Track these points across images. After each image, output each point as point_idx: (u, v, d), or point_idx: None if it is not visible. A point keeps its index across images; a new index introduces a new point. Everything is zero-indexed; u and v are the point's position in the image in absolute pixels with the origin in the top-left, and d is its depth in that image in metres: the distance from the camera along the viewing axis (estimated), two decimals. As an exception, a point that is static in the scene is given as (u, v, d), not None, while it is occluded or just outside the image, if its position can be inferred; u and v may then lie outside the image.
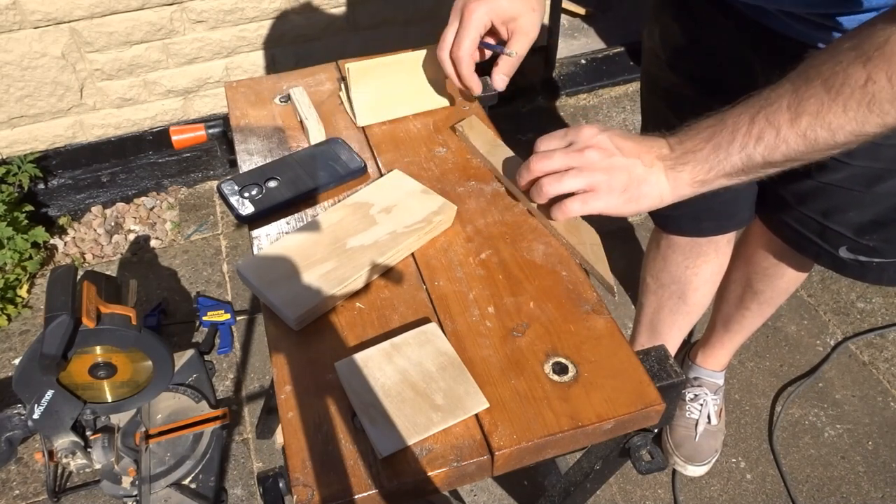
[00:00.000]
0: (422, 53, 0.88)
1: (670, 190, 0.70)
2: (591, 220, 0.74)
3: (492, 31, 0.83)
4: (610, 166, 0.69)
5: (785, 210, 1.07)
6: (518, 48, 0.81)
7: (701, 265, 1.31)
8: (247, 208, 0.78)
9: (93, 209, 2.12)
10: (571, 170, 0.70)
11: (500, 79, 0.83)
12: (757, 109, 0.63)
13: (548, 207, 0.73)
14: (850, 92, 0.58)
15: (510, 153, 0.83)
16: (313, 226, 0.75)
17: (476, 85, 0.83)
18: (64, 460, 1.07)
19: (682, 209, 1.19)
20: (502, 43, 0.84)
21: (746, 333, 1.44)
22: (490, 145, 0.85)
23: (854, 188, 0.95)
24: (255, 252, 0.74)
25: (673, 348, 1.52)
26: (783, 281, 1.26)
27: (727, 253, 1.32)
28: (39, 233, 1.90)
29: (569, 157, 0.69)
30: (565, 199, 0.71)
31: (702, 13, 0.94)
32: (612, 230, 2.05)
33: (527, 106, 2.49)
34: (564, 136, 0.71)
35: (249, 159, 0.87)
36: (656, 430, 0.67)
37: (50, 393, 0.96)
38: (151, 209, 2.14)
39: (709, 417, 1.50)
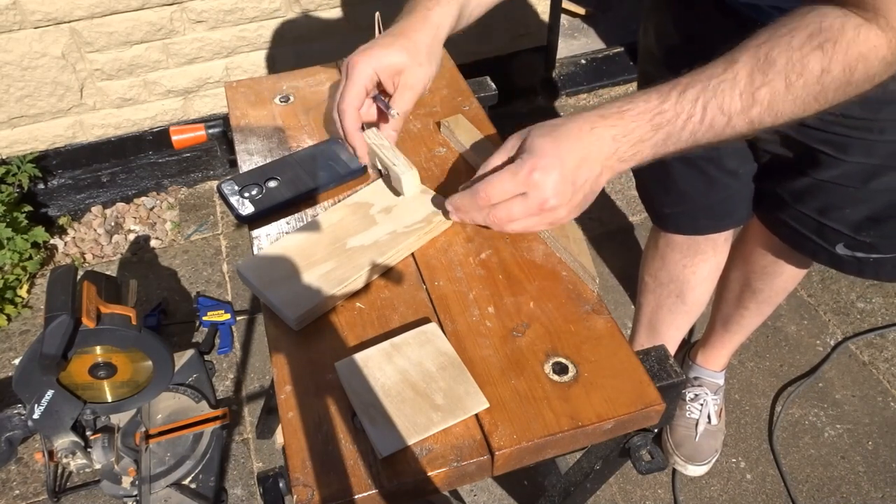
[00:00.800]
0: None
1: (611, 178, 0.69)
2: (583, 220, 0.73)
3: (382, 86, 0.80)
4: (570, 204, 0.67)
5: (782, 208, 1.07)
6: (400, 105, 0.76)
7: (699, 263, 1.31)
8: (247, 208, 0.78)
9: (93, 209, 2.12)
10: (533, 216, 0.68)
11: (390, 135, 0.79)
12: (710, 95, 0.62)
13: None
14: (804, 83, 0.59)
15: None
16: (313, 226, 0.75)
17: (360, 144, 0.77)
18: (64, 460, 1.07)
19: (679, 208, 1.21)
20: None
21: (746, 333, 1.44)
22: (475, 142, 0.85)
23: (849, 185, 0.95)
24: (255, 252, 0.74)
25: (672, 347, 1.52)
26: (781, 279, 1.26)
27: (725, 251, 1.32)
28: (39, 233, 1.90)
29: (528, 210, 0.67)
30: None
31: (696, 11, 0.94)
32: (612, 230, 2.05)
33: (527, 106, 2.49)
34: (516, 184, 0.66)
35: (249, 159, 0.87)
36: (656, 430, 0.67)
37: (50, 393, 0.96)
38: (151, 209, 2.14)
39: (709, 417, 1.50)
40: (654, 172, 1.17)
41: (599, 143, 0.65)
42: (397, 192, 0.78)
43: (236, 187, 0.80)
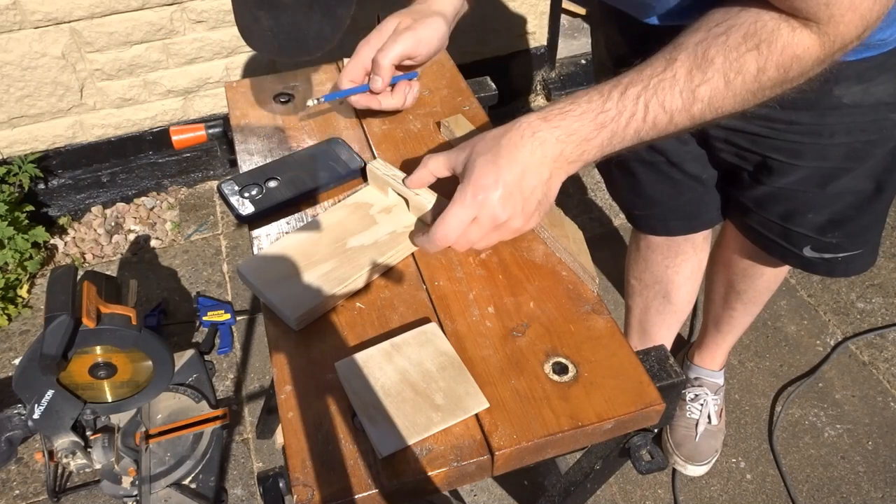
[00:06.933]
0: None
1: (564, 178, 0.68)
2: (583, 220, 0.73)
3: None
4: (524, 213, 0.66)
5: (747, 214, 1.09)
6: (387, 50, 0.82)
7: (681, 264, 1.33)
8: (247, 208, 0.78)
9: (93, 209, 2.12)
10: (493, 232, 0.67)
11: (375, 80, 0.84)
12: (651, 94, 0.63)
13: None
14: (742, 81, 0.61)
15: None
16: (313, 226, 0.75)
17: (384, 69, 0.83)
18: (64, 460, 1.06)
19: (649, 210, 1.22)
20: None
21: (738, 332, 1.45)
22: None
23: (808, 189, 0.96)
24: (255, 252, 0.74)
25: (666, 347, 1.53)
26: (763, 280, 1.27)
27: (705, 249, 1.34)
28: (40, 233, 1.90)
29: (483, 230, 0.66)
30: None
31: (641, 24, 0.94)
32: (612, 230, 2.05)
33: (527, 106, 2.49)
34: (464, 213, 0.65)
35: (249, 159, 0.87)
36: (656, 430, 0.67)
37: (50, 393, 0.96)
38: (151, 209, 2.14)
39: (709, 417, 1.51)
40: (622, 176, 1.18)
41: (543, 148, 0.65)
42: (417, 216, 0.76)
43: (236, 187, 0.80)
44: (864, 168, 0.92)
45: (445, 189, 0.81)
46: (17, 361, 1.73)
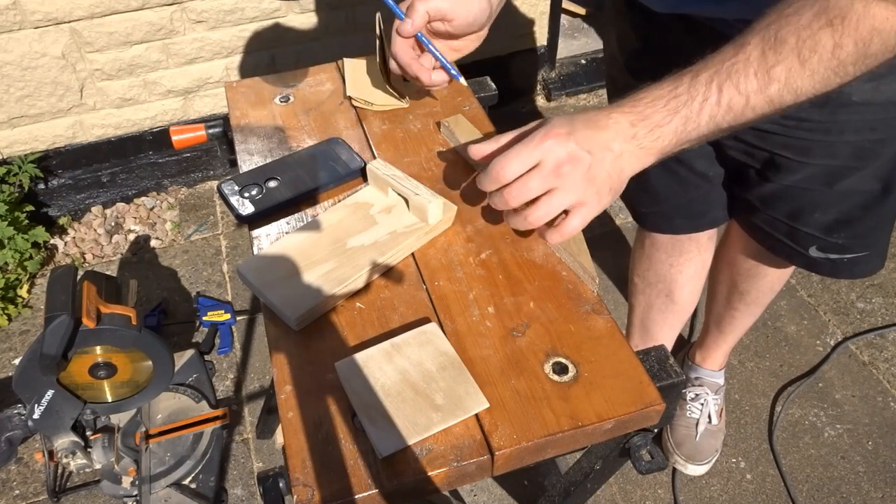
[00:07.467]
0: None
1: (638, 165, 0.67)
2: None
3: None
4: (590, 175, 0.65)
5: (754, 213, 1.08)
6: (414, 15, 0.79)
7: (685, 263, 1.32)
8: (247, 208, 0.78)
9: (93, 209, 2.12)
10: (554, 191, 0.65)
11: (406, 49, 0.80)
12: (724, 77, 0.62)
13: (542, 231, 0.71)
14: (819, 59, 0.59)
15: None
16: (313, 226, 0.75)
17: (420, 70, 0.81)
18: (64, 460, 1.06)
19: (654, 207, 1.22)
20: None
21: (740, 332, 1.45)
22: (474, 142, 0.85)
23: (815, 188, 0.96)
24: (255, 252, 0.74)
25: (667, 347, 1.52)
26: (766, 280, 1.26)
27: (710, 249, 1.34)
28: (40, 233, 1.90)
29: (545, 181, 0.65)
30: (561, 222, 0.68)
31: (655, 17, 0.94)
32: (612, 230, 2.05)
33: (527, 106, 2.49)
34: (528, 153, 0.65)
35: (249, 159, 0.87)
36: (656, 430, 0.67)
37: (50, 393, 0.96)
38: (151, 209, 2.14)
39: (709, 417, 1.51)
40: None
41: (617, 126, 0.65)
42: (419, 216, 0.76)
43: (236, 187, 0.80)
44: (872, 168, 0.92)
45: (445, 191, 0.81)
46: (17, 361, 1.73)
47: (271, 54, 2.03)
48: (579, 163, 0.64)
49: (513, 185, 0.66)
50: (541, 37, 2.39)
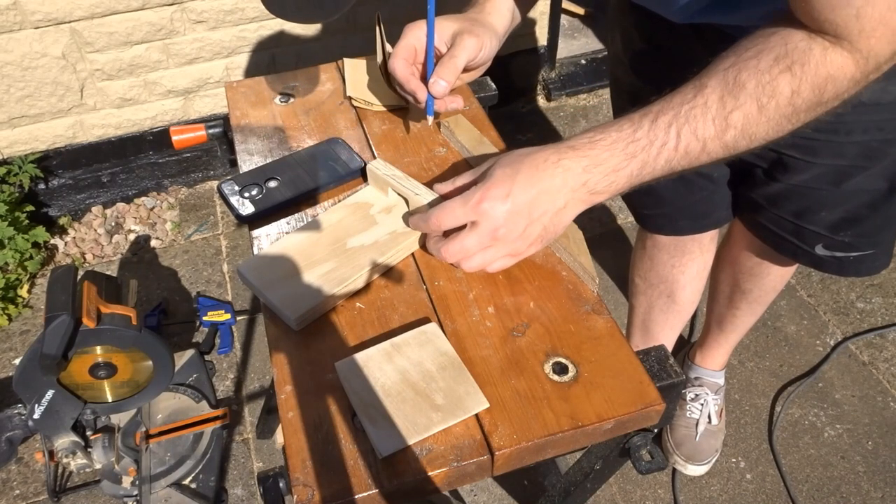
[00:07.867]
0: None
1: (583, 208, 0.67)
2: (583, 220, 0.73)
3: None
4: (525, 234, 0.66)
5: (759, 212, 1.08)
6: (447, 67, 0.79)
7: (687, 263, 1.32)
8: (247, 208, 0.78)
9: (93, 209, 2.12)
10: (489, 247, 0.67)
11: (441, 83, 0.80)
12: (682, 122, 0.62)
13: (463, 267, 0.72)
14: (776, 105, 0.60)
15: (495, 150, 0.84)
16: (313, 226, 0.75)
17: (416, 88, 0.81)
18: (64, 460, 1.06)
19: (658, 209, 1.22)
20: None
21: (741, 332, 1.45)
22: (475, 143, 0.85)
23: (822, 187, 0.96)
24: (255, 252, 0.74)
25: (668, 347, 1.52)
26: (769, 279, 1.26)
27: (712, 250, 1.34)
28: (40, 233, 1.90)
29: (481, 241, 0.66)
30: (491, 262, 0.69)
31: (661, 18, 0.95)
32: (612, 230, 2.05)
33: (527, 106, 2.49)
34: (464, 213, 0.66)
35: (249, 159, 0.87)
36: (656, 430, 0.67)
37: (50, 393, 0.96)
38: (152, 209, 2.14)
39: (709, 417, 1.51)
40: None
41: (565, 175, 0.64)
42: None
43: (236, 187, 0.80)
44: (880, 167, 0.92)
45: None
46: (17, 361, 1.73)
47: (271, 54, 2.03)
48: (515, 225, 0.65)
49: (451, 244, 0.67)
50: (541, 37, 2.39)
